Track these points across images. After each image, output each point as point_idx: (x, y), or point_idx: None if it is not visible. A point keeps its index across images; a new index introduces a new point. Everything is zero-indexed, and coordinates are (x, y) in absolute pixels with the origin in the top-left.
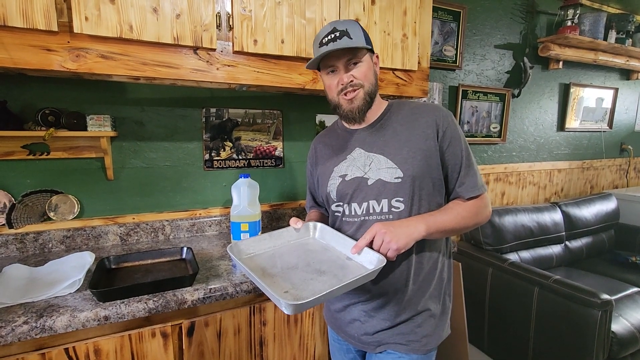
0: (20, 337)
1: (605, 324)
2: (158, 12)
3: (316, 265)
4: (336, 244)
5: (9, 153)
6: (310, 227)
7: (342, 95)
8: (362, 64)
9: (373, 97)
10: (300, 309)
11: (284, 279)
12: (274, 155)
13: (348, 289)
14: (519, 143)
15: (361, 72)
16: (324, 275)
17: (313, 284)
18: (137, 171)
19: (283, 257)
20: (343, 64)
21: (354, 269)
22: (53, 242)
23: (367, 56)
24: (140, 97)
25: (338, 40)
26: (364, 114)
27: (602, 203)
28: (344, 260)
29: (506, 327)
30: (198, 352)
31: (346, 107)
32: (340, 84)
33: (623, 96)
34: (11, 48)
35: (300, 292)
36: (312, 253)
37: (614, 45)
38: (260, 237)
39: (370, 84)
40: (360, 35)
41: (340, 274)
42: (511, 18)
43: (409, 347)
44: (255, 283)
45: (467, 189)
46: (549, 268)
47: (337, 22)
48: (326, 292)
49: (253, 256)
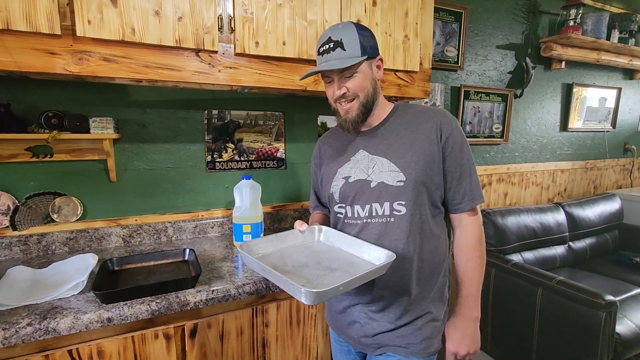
0: (24, 338)
1: (610, 325)
2: (160, 15)
3: (326, 263)
4: (341, 244)
5: (13, 155)
6: (315, 230)
7: (339, 104)
8: (357, 74)
9: (371, 106)
10: (320, 298)
11: (298, 276)
12: (276, 157)
13: (364, 281)
14: (521, 143)
15: (355, 84)
16: (335, 272)
17: (327, 279)
18: (140, 173)
19: (292, 257)
20: (337, 76)
21: (363, 265)
22: (56, 244)
23: (363, 65)
24: (142, 100)
25: (331, 52)
26: (357, 125)
27: (605, 203)
28: (351, 259)
29: (509, 329)
30: (201, 353)
31: (342, 115)
32: (335, 95)
33: (626, 96)
34: (15, 51)
35: (317, 286)
36: (320, 253)
37: (617, 45)
38: (269, 237)
39: (366, 93)
40: (355, 46)
41: (351, 270)
42: (513, 18)
43: (409, 350)
44: (270, 278)
45: (467, 201)
46: (553, 269)
47: (334, 30)
48: (345, 281)
49: (263, 256)
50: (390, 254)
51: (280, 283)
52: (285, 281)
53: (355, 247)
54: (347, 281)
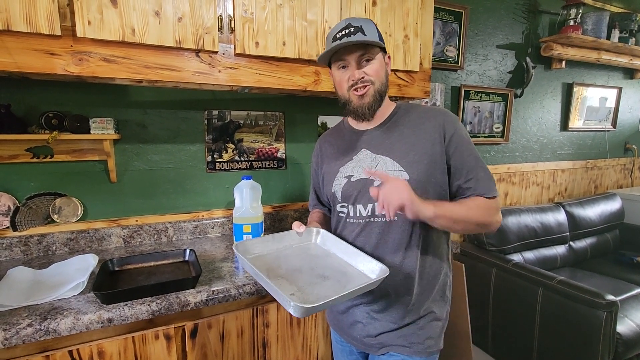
0: (25, 339)
1: (611, 325)
2: (160, 16)
3: (319, 270)
4: (337, 250)
5: (13, 156)
6: (313, 233)
7: (353, 91)
8: (374, 61)
9: (383, 95)
10: (308, 313)
11: (290, 282)
12: (276, 157)
13: (352, 296)
14: (522, 143)
15: (373, 69)
16: (327, 281)
17: (318, 288)
18: (140, 173)
19: (287, 260)
20: (355, 60)
21: (356, 276)
22: (57, 245)
23: (379, 54)
24: (142, 100)
25: (352, 35)
26: (374, 111)
27: (606, 203)
28: (345, 267)
29: (510, 329)
30: (201, 354)
31: (356, 103)
32: (352, 79)
33: (627, 95)
34: (15, 52)
35: (307, 295)
36: (315, 258)
37: (617, 45)
38: (265, 238)
39: (381, 82)
40: (374, 33)
41: (343, 280)
42: (513, 18)
43: (412, 350)
44: (261, 283)
45: (482, 188)
46: (553, 269)
47: (352, 19)
48: (334, 297)
49: (258, 256)
50: (384, 269)
51: (270, 290)
52: (276, 291)
53: (350, 256)
54: (337, 297)
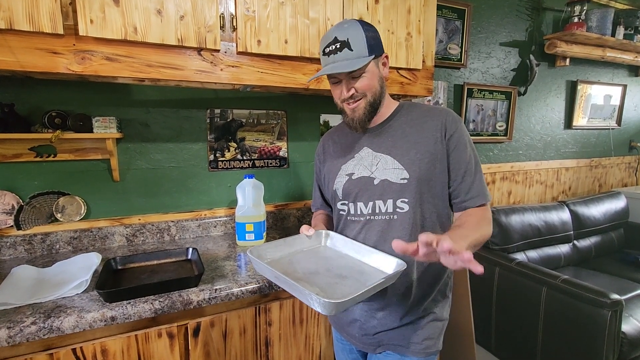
0: (29, 337)
1: (615, 324)
2: (162, 14)
3: (336, 270)
4: (349, 250)
5: (17, 155)
6: (322, 235)
7: (346, 104)
8: (365, 75)
9: (377, 105)
10: (338, 309)
11: (310, 283)
12: (279, 156)
13: (375, 291)
14: (525, 141)
15: (363, 84)
16: (347, 280)
17: (340, 287)
18: (143, 172)
19: (301, 263)
20: (344, 77)
21: (374, 273)
22: (60, 243)
23: (370, 65)
24: (145, 99)
25: (338, 52)
26: (365, 124)
27: (610, 201)
28: (361, 266)
29: (514, 328)
30: (204, 352)
31: (349, 115)
32: (343, 95)
33: (632, 93)
34: (18, 51)
35: (330, 294)
36: (328, 260)
37: (622, 42)
38: (277, 242)
39: (374, 92)
40: (362, 45)
41: (362, 279)
42: (517, 15)
43: (410, 350)
44: (283, 286)
45: (473, 198)
46: (557, 268)
47: (339, 29)
48: (360, 292)
49: (272, 261)
50: (401, 263)
51: (294, 291)
52: (302, 290)
53: (363, 254)
54: (364, 291)
